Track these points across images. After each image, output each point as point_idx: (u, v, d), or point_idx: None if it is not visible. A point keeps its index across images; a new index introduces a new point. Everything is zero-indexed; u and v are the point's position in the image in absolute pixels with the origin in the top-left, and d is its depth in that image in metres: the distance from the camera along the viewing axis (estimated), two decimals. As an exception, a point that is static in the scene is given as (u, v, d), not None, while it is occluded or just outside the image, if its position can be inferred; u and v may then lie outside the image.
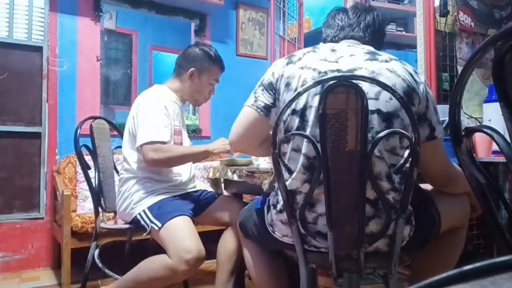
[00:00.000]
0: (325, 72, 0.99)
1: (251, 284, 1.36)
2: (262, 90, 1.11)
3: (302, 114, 0.99)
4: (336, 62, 1.02)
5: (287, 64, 1.07)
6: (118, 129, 2.09)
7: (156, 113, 1.58)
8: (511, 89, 0.58)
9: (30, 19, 2.62)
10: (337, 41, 1.15)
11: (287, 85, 1.04)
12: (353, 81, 0.87)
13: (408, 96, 0.97)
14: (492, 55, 0.60)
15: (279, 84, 1.06)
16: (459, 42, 2.19)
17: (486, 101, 1.86)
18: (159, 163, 1.54)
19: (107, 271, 1.67)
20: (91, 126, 1.76)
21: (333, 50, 1.06)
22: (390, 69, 0.98)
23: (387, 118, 0.95)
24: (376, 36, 1.16)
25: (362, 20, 1.15)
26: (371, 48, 1.08)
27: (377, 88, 0.93)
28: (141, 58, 4.13)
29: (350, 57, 1.02)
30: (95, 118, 1.86)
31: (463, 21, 2.18)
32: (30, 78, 2.62)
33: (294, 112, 1.01)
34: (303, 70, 1.02)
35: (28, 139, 2.60)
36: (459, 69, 2.15)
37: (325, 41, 1.19)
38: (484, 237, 1.98)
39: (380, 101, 0.95)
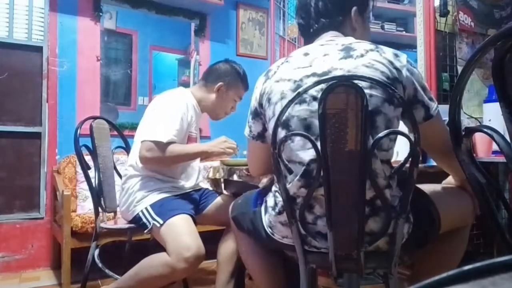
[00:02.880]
0: (301, 80, 0.99)
1: (251, 284, 1.36)
2: (252, 118, 1.14)
3: (286, 125, 1.00)
4: (310, 66, 1.00)
5: (265, 81, 1.08)
6: (118, 129, 2.09)
7: (171, 113, 1.58)
8: (511, 89, 0.58)
9: (30, 19, 2.62)
10: (313, 41, 1.12)
11: (268, 100, 1.05)
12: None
13: (391, 85, 0.92)
14: (492, 55, 0.60)
15: (263, 102, 1.08)
16: (459, 42, 2.19)
17: (486, 101, 1.85)
18: (150, 161, 1.55)
19: (107, 271, 1.67)
20: (91, 126, 1.76)
21: (306, 54, 1.04)
22: (367, 64, 0.94)
23: (369, 116, 0.91)
24: (333, 11, 1.09)
25: (308, 11, 1.10)
26: (345, 42, 1.03)
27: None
28: (141, 58, 4.12)
29: (324, 57, 1.00)
30: (95, 118, 1.86)
31: (463, 21, 2.18)
32: (30, 78, 2.62)
33: (279, 125, 1.00)
34: (279, 83, 1.03)
35: (28, 139, 2.60)
36: (459, 69, 2.15)
37: (305, 42, 1.16)
38: (484, 237, 1.98)
39: None
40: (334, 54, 0.99)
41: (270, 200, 1.12)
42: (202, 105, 1.76)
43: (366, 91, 0.90)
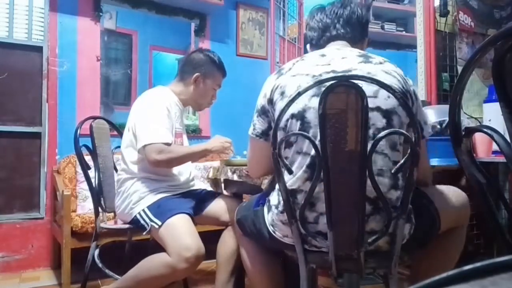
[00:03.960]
0: (320, 75, 1.01)
1: (251, 284, 1.36)
2: (257, 116, 1.15)
3: (301, 116, 1.01)
4: (329, 64, 1.04)
5: (278, 77, 1.10)
6: (118, 129, 2.09)
7: (158, 114, 1.58)
8: (511, 89, 0.58)
9: (30, 19, 2.62)
10: (322, 45, 1.18)
11: (282, 93, 1.05)
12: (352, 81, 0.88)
13: (405, 95, 1.00)
14: (492, 55, 0.60)
15: (274, 97, 1.08)
16: (459, 42, 2.19)
17: (486, 101, 1.86)
18: (161, 163, 1.54)
19: (107, 271, 1.67)
20: (91, 126, 1.76)
21: (323, 55, 1.08)
22: (386, 70, 1.02)
23: (387, 115, 0.97)
24: (358, 28, 1.18)
25: (340, 16, 1.17)
26: (362, 51, 1.11)
27: (375, 87, 0.94)
28: (141, 58, 4.12)
29: (343, 59, 1.05)
30: (95, 118, 1.86)
31: (463, 21, 2.18)
32: (30, 78, 2.62)
33: (293, 116, 1.02)
34: (296, 77, 1.05)
35: (28, 139, 2.60)
36: (459, 69, 2.15)
37: (310, 43, 1.23)
38: (484, 237, 1.98)
39: (379, 99, 0.97)
40: (353, 58, 1.05)
41: (273, 198, 1.12)
42: (182, 99, 1.75)
43: (385, 91, 0.94)
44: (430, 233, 1.11)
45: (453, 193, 1.20)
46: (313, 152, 0.99)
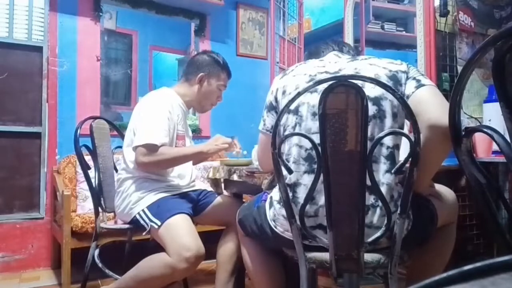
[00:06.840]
0: (315, 75, 1.11)
1: (251, 284, 1.36)
2: (267, 112, 1.23)
3: (296, 111, 1.09)
4: (324, 66, 1.14)
5: (282, 77, 1.21)
6: (118, 129, 2.09)
7: (157, 115, 1.57)
8: (511, 89, 0.58)
9: (30, 19, 2.62)
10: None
11: (283, 92, 1.15)
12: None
13: (393, 78, 1.05)
14: (492, 55, 0.60)
15: (277, 95, 1.17)
16: (459, 42, 2.19)
17: (486, 101, 1.86)
18: (148, 166, 1.54)
19: (107, 271, 1.67)
20: (91, 126, 1.76)
21: (321, 60, 1.20)
22: (370, 63, 1.10)
23: (376, 101, 1.03)
24: (353, 48, 1.33)
25: (335, 41, 1.32)
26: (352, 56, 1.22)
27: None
28: (141, 58, 4.13)
29: (335, 63, 1.15)
30: (95, 118, 1.86)
31: (463, 21, 2.18)
32: (30, 78, 2.62)
33: (289, 112, 1.10)
34: (295, 77, 1.15)
35: (28, 139, 2.60)
36: (459, 69, 2.15)
37: None
38: (484, 237, 1.98)
39: (366, 88, 1.00)
40: (343, 60, 1.16)
41: (275, 194, 1.15)
42: (186, 101, 1.75)
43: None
44: (430, 230, 1.13)
45: (444, 191, 1.24)
46: (309, 145, 1.03)
